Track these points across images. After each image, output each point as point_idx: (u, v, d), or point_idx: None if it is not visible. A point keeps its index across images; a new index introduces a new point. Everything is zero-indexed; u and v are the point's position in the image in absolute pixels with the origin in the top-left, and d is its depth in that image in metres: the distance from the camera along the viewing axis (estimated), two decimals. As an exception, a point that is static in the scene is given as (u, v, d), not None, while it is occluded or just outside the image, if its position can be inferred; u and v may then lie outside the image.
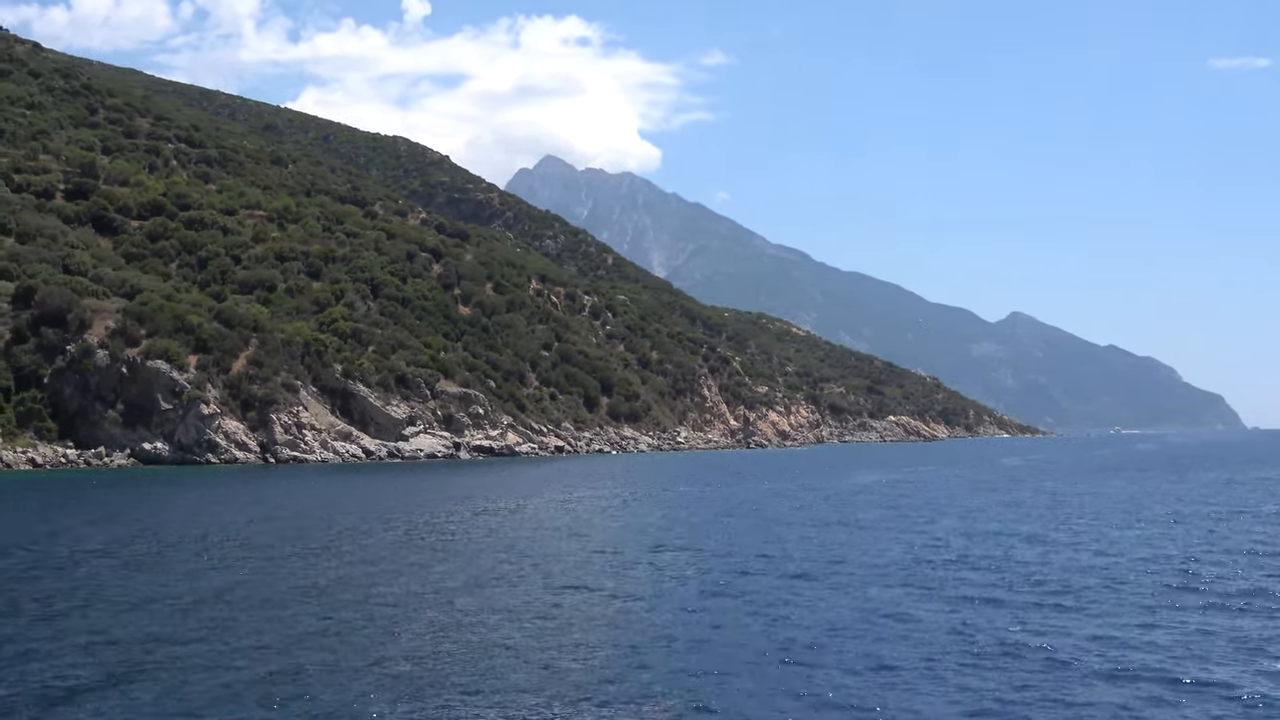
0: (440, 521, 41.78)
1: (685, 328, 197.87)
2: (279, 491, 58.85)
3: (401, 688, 17.49)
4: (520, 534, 37.86)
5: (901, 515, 45.47)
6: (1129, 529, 39.70)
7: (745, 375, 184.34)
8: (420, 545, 34.78)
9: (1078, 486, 65.60)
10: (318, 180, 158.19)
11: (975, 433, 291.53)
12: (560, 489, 61.20)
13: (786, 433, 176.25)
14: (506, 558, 31.57)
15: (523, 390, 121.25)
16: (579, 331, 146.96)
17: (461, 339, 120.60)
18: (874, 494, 58.36)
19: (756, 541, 36.11)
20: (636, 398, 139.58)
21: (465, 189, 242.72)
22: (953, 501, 53.71)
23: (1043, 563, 30.41)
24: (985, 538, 36.70)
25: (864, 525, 41.47)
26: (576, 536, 37.40)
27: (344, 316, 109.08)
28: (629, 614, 23.45)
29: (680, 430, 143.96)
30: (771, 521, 43.21)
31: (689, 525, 42.01)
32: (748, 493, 59.48)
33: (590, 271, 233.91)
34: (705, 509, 49.35)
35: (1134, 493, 59.74)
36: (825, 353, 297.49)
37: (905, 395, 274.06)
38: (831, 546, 34.40)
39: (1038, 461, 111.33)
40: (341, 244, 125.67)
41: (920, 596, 25.31)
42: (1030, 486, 65.74)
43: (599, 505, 50.60)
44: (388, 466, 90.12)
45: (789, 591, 25.92)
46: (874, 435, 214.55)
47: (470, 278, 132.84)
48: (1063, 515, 45.21)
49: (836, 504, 51.98)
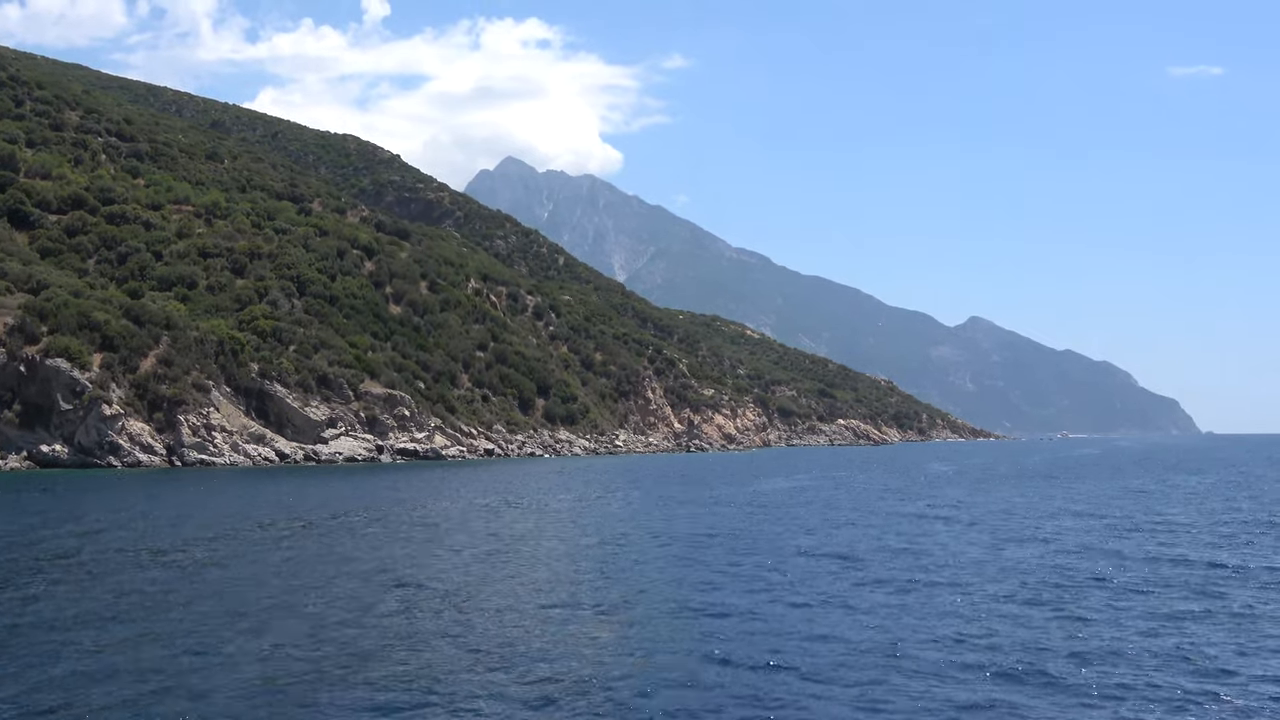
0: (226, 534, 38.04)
1: (633, 329, 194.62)
2: (150, 497, 55.03)
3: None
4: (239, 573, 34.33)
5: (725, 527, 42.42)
6: (946, 544, 36.91)
7: (692, 377, 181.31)
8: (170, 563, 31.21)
9: (965, 495, 62.86)
10: (254, 176, 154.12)
11: (928, 437, 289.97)
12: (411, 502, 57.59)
13: (732, 436, 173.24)
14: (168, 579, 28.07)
15: (454, 392, 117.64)
16: (518, 332, 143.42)
17: (391, 339, 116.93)
18: (735, 505, 54.18)
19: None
20: (574, 400, 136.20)
21: (415, 188, 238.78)
22: (813, 509, 51.53)
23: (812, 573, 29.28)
24: (785, 552, 34.21)
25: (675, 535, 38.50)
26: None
27: (265, 314, 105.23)
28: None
29: (619, 434, 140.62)
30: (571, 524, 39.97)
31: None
32: (609, 503, 55.48)
33: (541, 272, 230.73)
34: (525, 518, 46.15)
35: (1011, 502, 57.06)
36: (779, 355, 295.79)
37: (858, 398, 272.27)
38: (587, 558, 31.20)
39: (965, 468, 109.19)
40: (270, 240, 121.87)
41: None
42: (918, 496, 62.96)
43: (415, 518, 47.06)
44: (301, 470, 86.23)
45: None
46: (823, 439, 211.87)
47: (403, 276, 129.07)
48: (900, 527, 42.51)
49: (678, 511, 49.02)
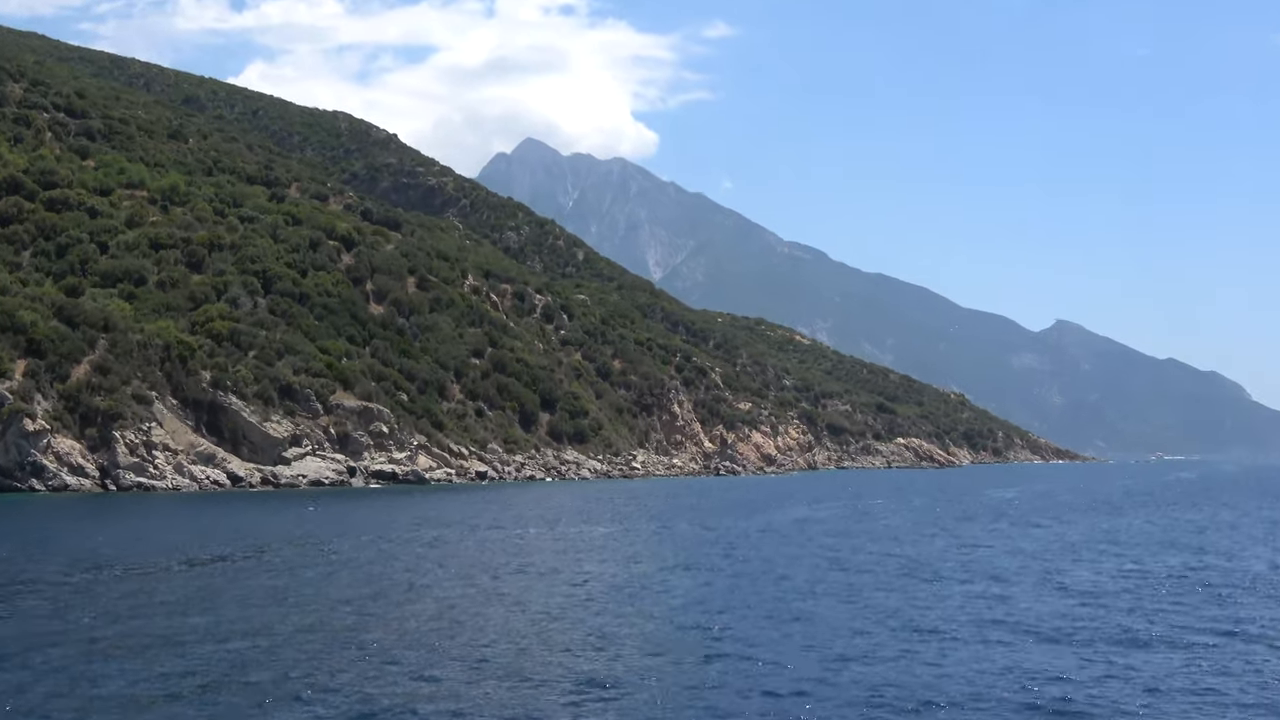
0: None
1: (660, 334, 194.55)
2: (43, 527, 55.17)
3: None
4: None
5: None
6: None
7: (727, 389, 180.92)
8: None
9: (998, 532, 62.10)
10: (223, 158, 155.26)
11: (1003, 458, 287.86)
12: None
13: (772, 457, 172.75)
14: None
15: (442, 405, 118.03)
16: (522, 336, 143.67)
17: (370, 343, 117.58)
18: (707, 546, 53.23)
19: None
20: (585, 414, 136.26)
21: (414, 173, 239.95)
22: (806, 549, 51.15)
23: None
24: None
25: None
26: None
27: (222, 315, 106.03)
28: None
29: (637, 454, 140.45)
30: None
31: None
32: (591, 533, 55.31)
33: (557, 268, 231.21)
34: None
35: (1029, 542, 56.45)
36: (833, 364, 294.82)
37: (923, 414, 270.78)
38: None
39: (1033, 494, 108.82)
40: (233, 230, 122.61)
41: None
42: (944, 530, 62.46)
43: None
44: (258, 496, 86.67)
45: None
46: (879, 460, 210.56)
47: (387, 271, 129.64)
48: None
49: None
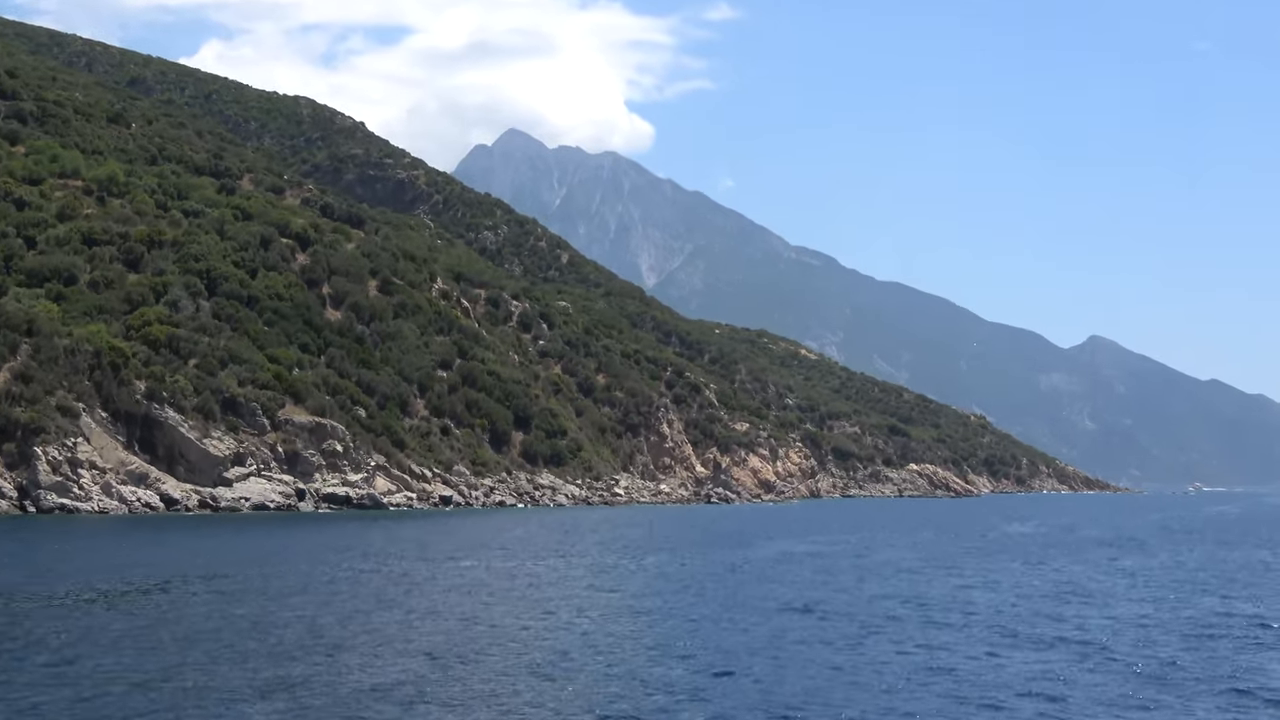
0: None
1: (650, 345, 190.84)
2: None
3: None
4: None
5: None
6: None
7: (722, 408, 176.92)
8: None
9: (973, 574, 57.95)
10: (169, 145, 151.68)
11: (1027, 487, 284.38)
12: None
13: (771, 483, 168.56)
14: None
15: (404, 422, 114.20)
16: (496, 347, 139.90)
17: (325, 353, 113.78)
18: (670, 584, 49.55)
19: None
20: (563, 434, 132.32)
21: (383, 165, 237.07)
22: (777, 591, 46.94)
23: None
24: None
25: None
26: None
27: (160, 319, 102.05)
28: None
29: (620, 478, 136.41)
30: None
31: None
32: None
33: (538, 272, 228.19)
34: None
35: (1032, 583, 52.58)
36: (841, 382, 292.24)
37: (940, 438, 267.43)
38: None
39: (1054, 528, 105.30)
40: (175, 225, 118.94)
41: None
42: (945, 569, 58.88)
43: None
44: (193, 521, 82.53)
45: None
46: (889, 488, 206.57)
47: (346, 273, 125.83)
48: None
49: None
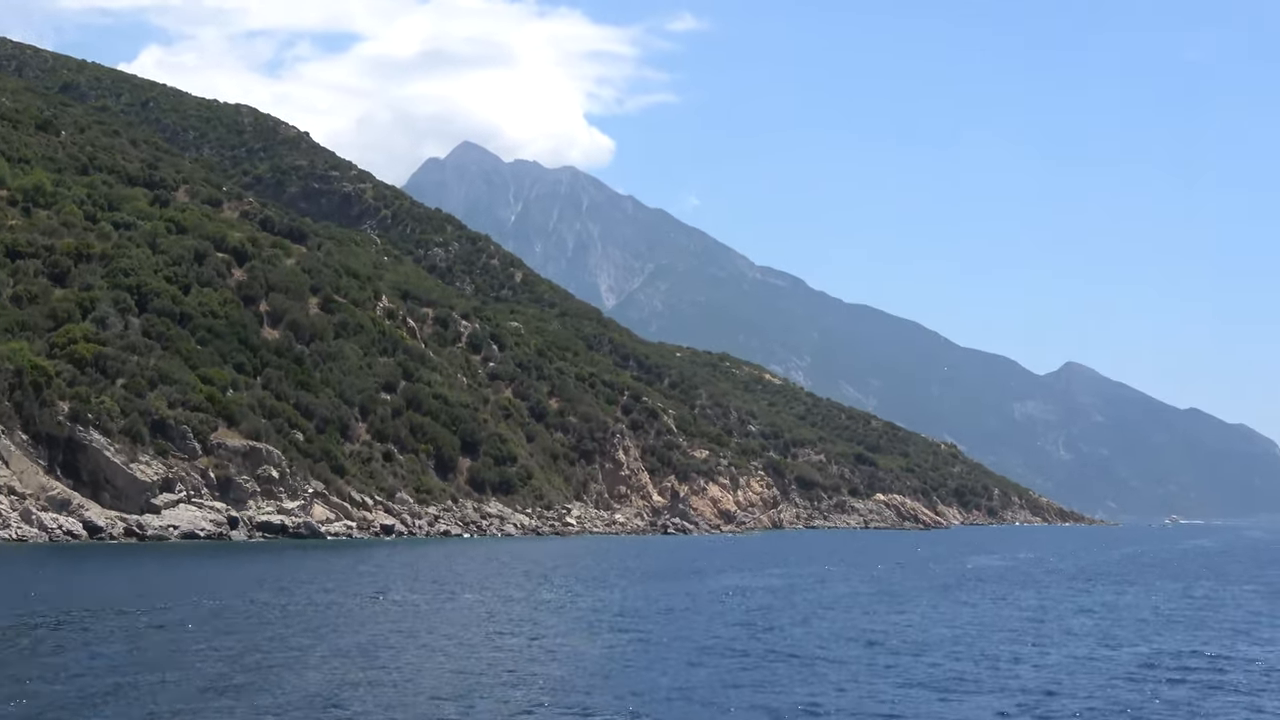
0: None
1: (606, 369, 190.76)
2: None
3: None
4: None
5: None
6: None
7: (681, 434, 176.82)
8: None
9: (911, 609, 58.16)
10: (100, 154, 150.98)
11: (1000, 518, 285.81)
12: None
13: (731, 513, 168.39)
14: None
15: (344, 447, 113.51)
16: (443, 369, 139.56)
17: (261, 373, 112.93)
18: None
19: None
20: (513, 461, 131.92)
21: (328, 177, 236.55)
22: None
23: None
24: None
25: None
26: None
27: (87, 336, 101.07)
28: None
29: (572, 507, 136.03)
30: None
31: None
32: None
33: (491, 291, 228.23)
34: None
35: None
36: (806, 408, 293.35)
37: (909, 467, 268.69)
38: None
39: (1020, 562, 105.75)
40: (105, 238, 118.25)
41: None
42: (896, 604, 59.17)
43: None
44: (116, 550, 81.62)
45: None
46: (855, 519, 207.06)
47: (285, 290, 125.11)
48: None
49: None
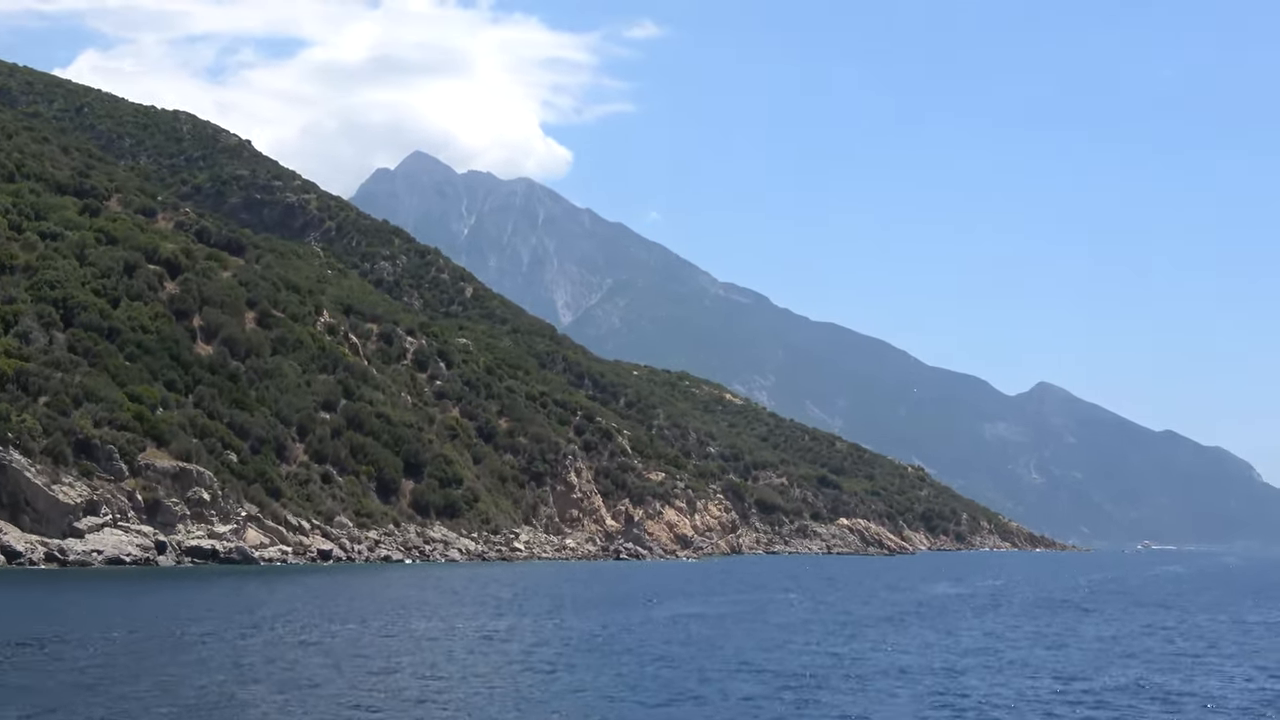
0: None
1: (559, 388, 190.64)
2: None
3: None
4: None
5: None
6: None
7: (636, 456, 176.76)
8: None
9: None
10: (28, 161, 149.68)
11: (968, 544, 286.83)
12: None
13: (688, 538, 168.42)
14: None
15: (280, 468, 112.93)
16: (386, 387, 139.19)
17: (193, 391, 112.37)
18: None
19: None
20: (459, 483, 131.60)
21: (270, 187, 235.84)
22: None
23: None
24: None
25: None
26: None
27: (9, 351, 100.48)
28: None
29: (521, 532, 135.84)
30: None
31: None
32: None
33: (440, 306, 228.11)
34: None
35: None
36: (769, 429, 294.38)
37: (874, 490, 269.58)
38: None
39: (982, 590, 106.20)
40: (30, 248, 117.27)
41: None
42: (841, 633, 59.64)
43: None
44: (34, 576, 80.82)
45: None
46: (817, 544, 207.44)
47: (220, 304, 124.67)
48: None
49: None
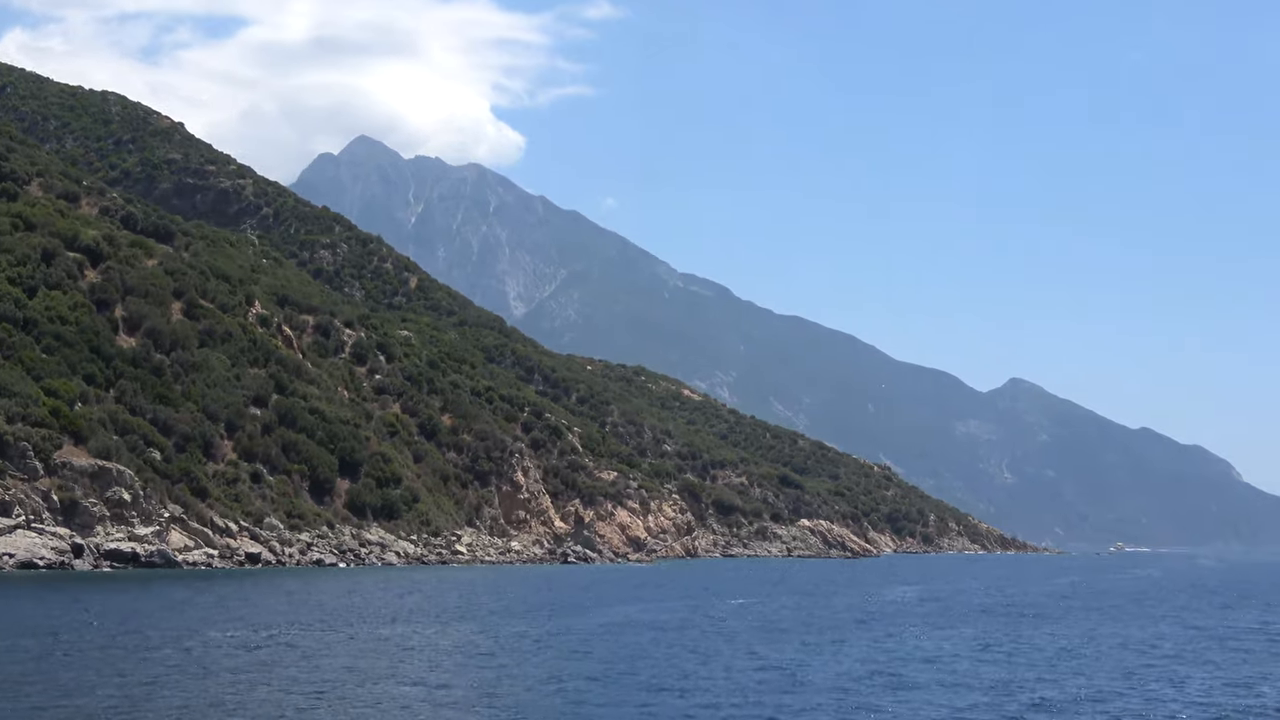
0: None
1: (507, 383, 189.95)
2: None
3: None
4: None
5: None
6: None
7: (587, 454, 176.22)
8: None
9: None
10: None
11: (935, 546, 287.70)
12: None
13: (641, 540, 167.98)
14: None
15: (207, 467, 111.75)
16: (322, 382, 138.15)
17: (114, 385, 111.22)
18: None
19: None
20: (398, 483, 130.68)
21: (203, 172, 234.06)
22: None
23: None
24: None
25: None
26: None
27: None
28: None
29: (463, 534, 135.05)
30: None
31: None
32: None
33: (384, 297, 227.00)
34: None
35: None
36: (729, 426, 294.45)
37: (838, 490, 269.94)
38: None
39: (940, 594, 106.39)
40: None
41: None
42: (779, 643, 59.53)
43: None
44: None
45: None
46: (776, 547, 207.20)
47: (145, 294, 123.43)
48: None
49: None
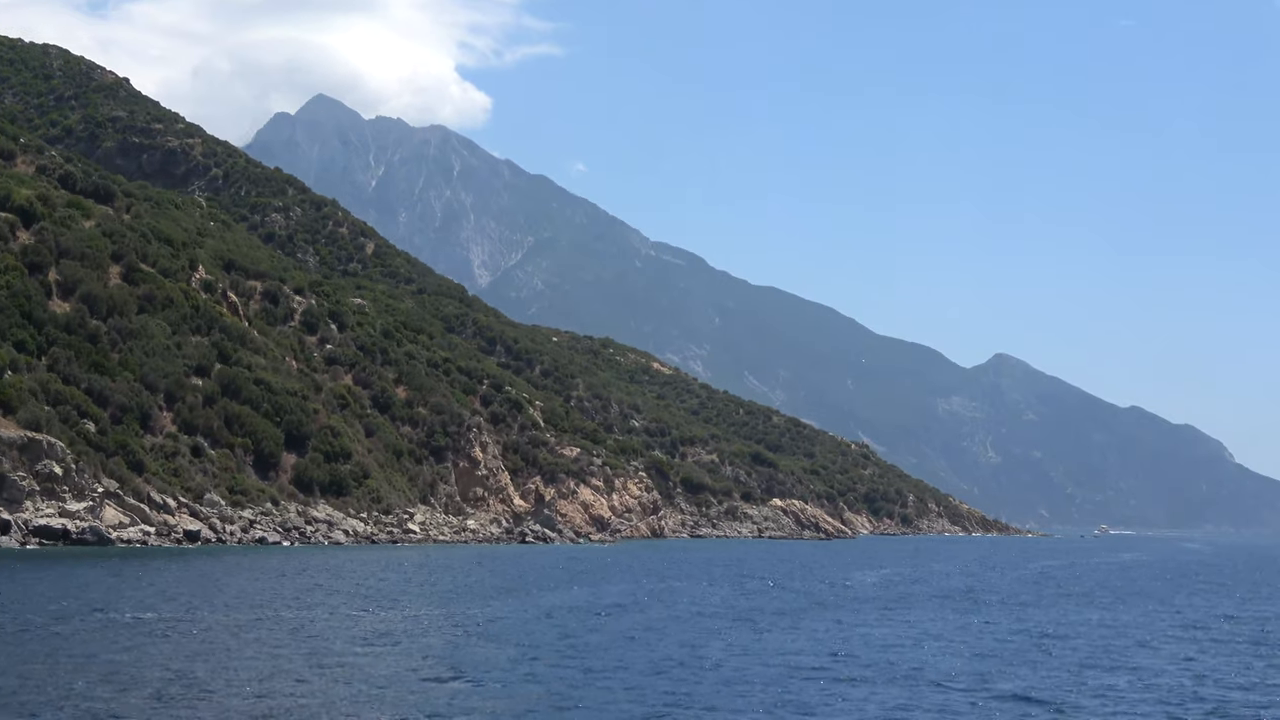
0: None
1: (467, 354, 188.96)
2: None
3: None
4: None
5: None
6: None
7: (549, 429, 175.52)
8: None
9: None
10: None
11: (915, 528, 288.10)
12: None
13: (604, 519, 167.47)
14: None
15: (144, 440, 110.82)
16: (269, 351, 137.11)
17: (47, 352, 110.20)
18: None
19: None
20: (346, 457, 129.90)
21: (150, 130, 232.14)
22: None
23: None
24: None
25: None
26: None
27: None
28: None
29: (416, 511, 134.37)
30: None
31: None
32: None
33: (339, 264, 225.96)
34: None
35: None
36: (700, 401, 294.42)
37: (813, 469, 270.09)
38: None
39: (910, 579, 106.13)
40: None
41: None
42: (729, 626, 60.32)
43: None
44: None
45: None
46: (747, 527, 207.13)
47: (80, 257, 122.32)
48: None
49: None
